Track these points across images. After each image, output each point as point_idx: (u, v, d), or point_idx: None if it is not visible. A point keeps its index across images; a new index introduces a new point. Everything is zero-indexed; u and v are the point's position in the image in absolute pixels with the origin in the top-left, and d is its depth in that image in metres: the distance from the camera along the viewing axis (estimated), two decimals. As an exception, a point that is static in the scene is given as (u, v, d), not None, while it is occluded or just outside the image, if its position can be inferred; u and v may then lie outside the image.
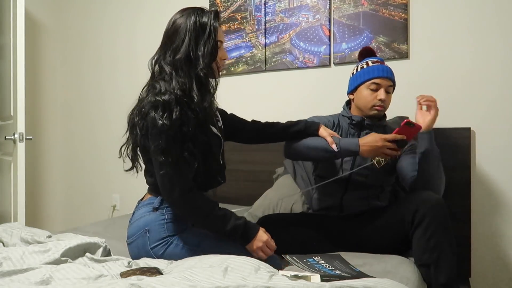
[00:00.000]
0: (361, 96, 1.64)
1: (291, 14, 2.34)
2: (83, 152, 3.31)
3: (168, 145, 1.26)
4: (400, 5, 2.03)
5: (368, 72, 1.62)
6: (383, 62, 1.66)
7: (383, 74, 1.60)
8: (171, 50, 1.36)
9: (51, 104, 3.36)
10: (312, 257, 1.30)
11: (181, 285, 0.97)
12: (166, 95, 1.28)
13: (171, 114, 1.26)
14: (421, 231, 1.37)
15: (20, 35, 2.39)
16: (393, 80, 1.64)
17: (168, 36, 1.39)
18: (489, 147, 1.88)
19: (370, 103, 1.62)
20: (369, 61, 1.66)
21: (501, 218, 1.87)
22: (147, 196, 1.44)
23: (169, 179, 1.27)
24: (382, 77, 1.60)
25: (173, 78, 1.32)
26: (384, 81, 1.60)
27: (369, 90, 1.61)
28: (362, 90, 1.64)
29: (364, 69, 1.64)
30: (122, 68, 3.07)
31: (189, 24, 1.34)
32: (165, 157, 1.26)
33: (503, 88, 1.85)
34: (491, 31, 1.87)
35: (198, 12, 1.37)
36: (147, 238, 1.33)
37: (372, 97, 1.61)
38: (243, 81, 2.52)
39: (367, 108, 1.63)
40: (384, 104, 1.61)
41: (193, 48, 1.34)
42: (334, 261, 1.28)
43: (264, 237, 1.32)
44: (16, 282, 1.08)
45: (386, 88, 1.61)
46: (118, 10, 3.08)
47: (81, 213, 3.32)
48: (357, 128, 1.67)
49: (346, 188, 1.65)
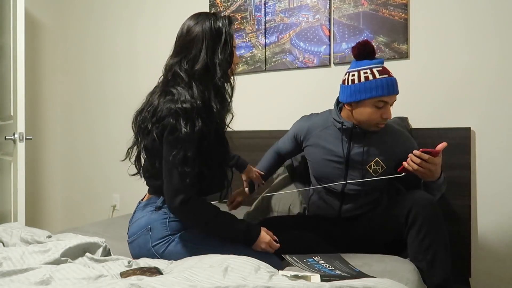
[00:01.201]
0: (363, 112, 1.48)
1: (291, 14, 2.34)
2: (83, 152, 3.31)
3: (187, 155, 1.25)
4: (400, 5, 2.03)
5: (377, 88, 1.43)
6: (386, 69, 1.48)
7: (394, 92, 1.44)
8: (188, 59, 1.34)
9: (51, 104, 3.36)
10: (312, 257, 1.30)
11: (181, 285, 0.97)
12: (187, 103, 1.26)
13: (194, 124, 1.25)
14: (414, 232, 1.37)
15: (20, 35, 2.38)
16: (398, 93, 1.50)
17: (184, 44, 1.37)
18: (489, 147, 1.88)
19: (375, 120, 1.48)
20: (374, 69, 1.45)
21: (501, 218, 1.87)
22: (148, 196, 1.44)
23: (174, 188, 1.26)
24: (392, 95, 1.45)
25: (192, 87, 1.31)
26: (393, 97, 1.47)
27: (375, 107, 1.46)
28: (366, 106, 1.47)
29: (371, 82, 1.43)
30: (122, 68, 3.07)
31: (206, 32, 1.33)
32: (182, 167, 1.25)
33: (503, 88, 1.85)
34: (491, 31, 1.87)
35: (213, 18, 1.36)
36: (149, 236, 1.33)
37: (377, 114, 1.46)
38: (243, 81, 2.52)
39: (369, 125, 1.51)
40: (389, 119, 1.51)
41: (210, 57, 1.33)
42: (334, 261, 1.28)
43: (267, 238, 1.34)
44: (16, 282, 1.08)
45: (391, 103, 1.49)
46: (119, 10, 3.08)
47: (81, 213, 3.32)
48: (346, 134, 1.57)
49: (343, 199, 1.61)
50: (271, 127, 2.41)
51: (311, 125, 1.68)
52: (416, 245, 1.37)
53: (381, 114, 1.46)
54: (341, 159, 1.56)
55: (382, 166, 1.55)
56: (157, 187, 1.38)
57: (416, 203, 1.38)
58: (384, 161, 1.55)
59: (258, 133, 2.42)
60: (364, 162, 1.54)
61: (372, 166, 1.54)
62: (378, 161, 1.54)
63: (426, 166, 1.33)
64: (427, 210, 1.36)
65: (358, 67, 1.48)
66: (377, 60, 1.49)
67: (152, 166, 1.38)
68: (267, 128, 2.43)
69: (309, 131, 1.67)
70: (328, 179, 1.62)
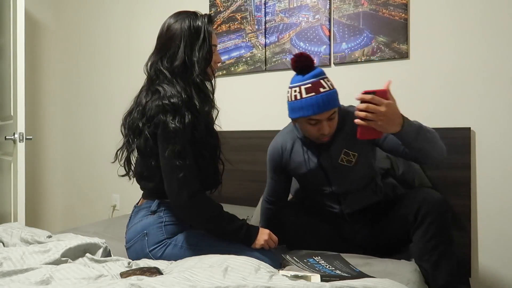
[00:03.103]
0: (302, 128, 1.47)
1: (291, 14, 2.34)
2: (83, 152, 3.31)
3: (184, 148, 1.27)
4: (400, 5, 2.03)
5: (302, 108, 1.38)
6: (317, 84, 1.37)
7: (319, 111, 1.36)
8: (167, 57, 1.36)
9: (51, 104, 3.36)
10: (312, 257, 1.31)
11: (181, 285, 0.97)
12: (174, 98, 1.28)
13: (183, 117, 1.27)
14: (421, 232, 1.35)
15: (20, 35, 2.38)
16: (334, 107, 1.39)
17: (163, 42, 1.39)
18: (489, 147, 1.88)
19: (315, 135, 1.44)
20: (302, 86, 1.38)
21: (501, 218, 1.87)
22: (143, 201, 1.44)
23: (179, 182, 1.27)
24: (320, 113, 1.37)
25: (174, 84, 1.33)
26: (324, 115, 1.38)
27: (309, 124, 1.42)
28: (302, 123, 1.44)
29: (298, 102, 1.39)
30: (122, 68, 3.07)
31: (184, 30, 1.35)
32: (182, 160, 1.26)
33: (503, 88, 1.85)
34: (491, 31, 1.87)
35: (192, 16, 1.38)
36: (145, 242, 1.33)
37: (314, 130, 1.42)
38: (243, 81, 2.52)
39: (313, 139, 1.48)
40: (330, 132, 1.42)
41: (188, 54, 1.35)
42: (334, 261, 1.28)
43: (266, 236, 1.34)
44: (16, 282, 1.08)
45: (328, 117, 1.40)
46: (119, 10, 3.08)
47: (81, 213, 3.32)
48: (309, 145, 1.53)
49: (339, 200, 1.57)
50: (271, 127, 2.41)
51: (281, 149, 1.59)
52: (422, 245, 1.35)
53: (318, 130, 1.41)
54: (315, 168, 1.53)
55: (352, 154, 1.49)
56: (151, 190, 1.39)
57: (427, 201, 1.35)
58: (352, 149, 1.49)
59: (258, 133, 2.42)
60: (333, 160, 1.50)
61: (344, 159, 1.49)
62: (346, 151, 1.49)
63: (375, 110, 1.17)
64: (437, 209, 1.33)
65: (292, 83, 1.43)
66: (310, 74, 1.39)
67: (147, 167, 1.37)
68: (267, 128, 2.43)
69: (283, 155, 1.59)
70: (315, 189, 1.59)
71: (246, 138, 2.44)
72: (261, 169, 2.35)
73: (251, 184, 2.40)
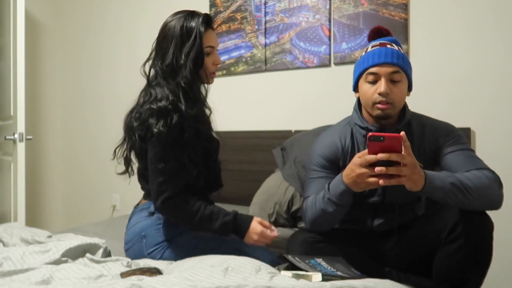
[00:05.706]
0: (361, 94, 1.30)
1: (291, 14, 2.34)
2: (83, 152, 3.30)
3: (166, 152, 1.25)
4: (400, 5, 2.03)
5: (363, 60, 1.27)
6: (392, 44, 1.28)
7: (379, 60, 1.22)
8: (159, 56, 1.35)
9: (51, 104, 3.36)
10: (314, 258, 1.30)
11: (182, 285, 0.97)
12: (162, 101, 1.27)
13: (168, 121, 1.25)
14: (451, 250, 1.15)
15: (20, 35, 2.38)
16: (400, 65, 1.23)
17: (159, 41, 1.38)
18: (489, 147, 1.88)
19: (370, 99, 1.25)
20: (371, 44, 1.29)
21: (500, 218, 1.86)
22: (142, 202, 1.43)
23: (158, 185, 1.26)
24: (379, 64, 1.22)
25: (164, 85, 1.30)
26: (383, 68, 1.22)
27: (368, 83, 1.26)
28: (362, 85, 1.29)
29: (361, 57, 1.29)
30: (122, 68, 3.06)
31: (176, 30, 1.32)
32: (164, 163, 1.25)
33: (503, 88, 1.85)
34: (491, 31, 1.87)
35: (188, 16, 1.34)
36: (143, 244, 1.32)
37: (371, 91, 1.25)
38: (243, 81, 2.52)
39: (370, 108, 1.28)
40: (389, 98, 1.22)
41: (177, 55, 1.31)
42: (336, 263, 1.27)
43: (258, 229, 1.29)
44: (17, 282, 1.08)
45: (388, 77, 1.23)
46: (119, 10, 3.08)
47: (81, 213, 3.32)
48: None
49: (375, 212, 1.35)
50: (271, 127, 2.41)
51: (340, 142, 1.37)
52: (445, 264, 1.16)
53: (376, 90, 1.24)
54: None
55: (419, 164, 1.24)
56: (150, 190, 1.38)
57: (466, 218, 1.15)
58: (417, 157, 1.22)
59: (258, 133, 2.42)
60: None
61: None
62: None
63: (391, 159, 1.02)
64: (476, 228, 1.14)
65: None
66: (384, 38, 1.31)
67: (145, 168, 1.37)
68: (267, 128, 2.42)
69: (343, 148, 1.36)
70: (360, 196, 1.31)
71: (246, 138, 2.44)
72: (260, 169, 2.35)
73: (251, 184, 2.39)
